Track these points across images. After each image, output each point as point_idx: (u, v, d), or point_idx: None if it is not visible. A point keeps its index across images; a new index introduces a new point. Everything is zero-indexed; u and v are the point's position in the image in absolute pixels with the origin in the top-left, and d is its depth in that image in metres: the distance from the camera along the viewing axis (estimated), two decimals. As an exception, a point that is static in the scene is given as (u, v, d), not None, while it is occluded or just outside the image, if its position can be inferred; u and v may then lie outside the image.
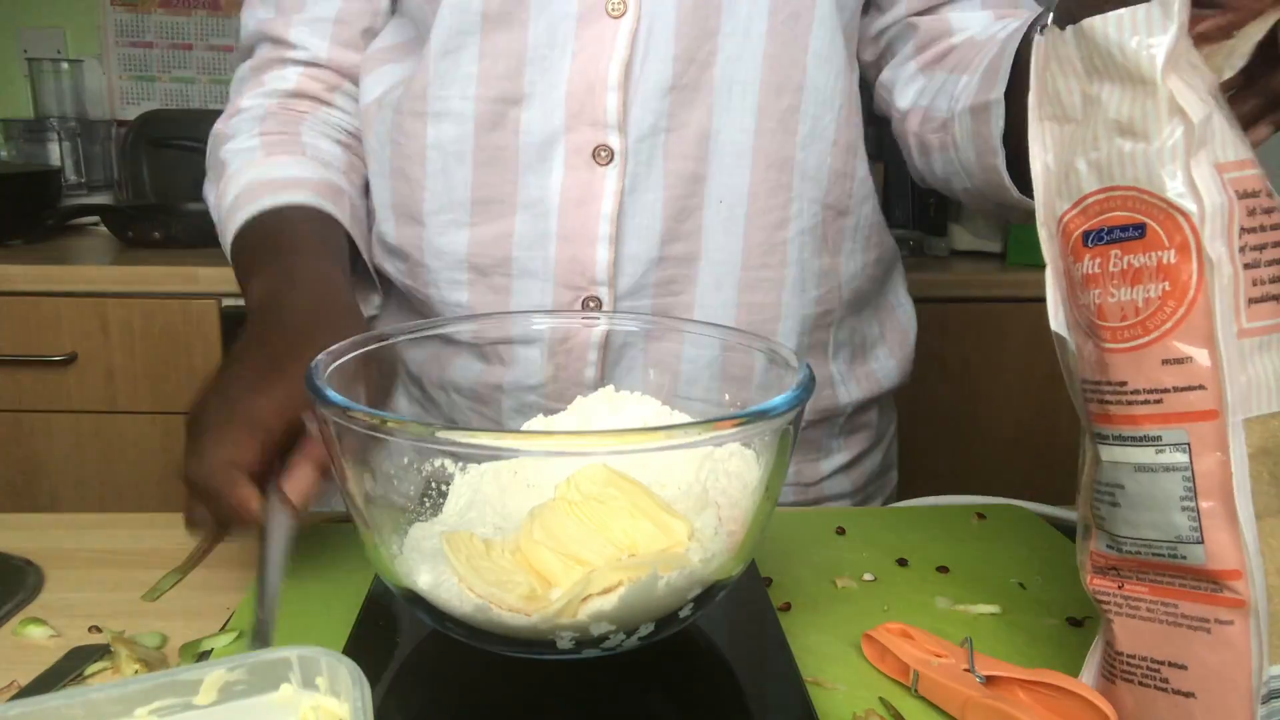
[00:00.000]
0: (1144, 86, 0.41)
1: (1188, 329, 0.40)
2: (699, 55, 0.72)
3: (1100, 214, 0.42)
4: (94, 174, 2.13)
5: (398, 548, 0.51)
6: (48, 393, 1.64)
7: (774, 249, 0.76)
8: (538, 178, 0.74)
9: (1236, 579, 0.41)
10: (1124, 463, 0.43)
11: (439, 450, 0.51)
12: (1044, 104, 0.45)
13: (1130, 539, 0.44)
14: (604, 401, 0.62)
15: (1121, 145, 0.41)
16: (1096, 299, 0.43)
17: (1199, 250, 0.40)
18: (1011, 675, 0.49)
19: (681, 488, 0.53)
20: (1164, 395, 0.41)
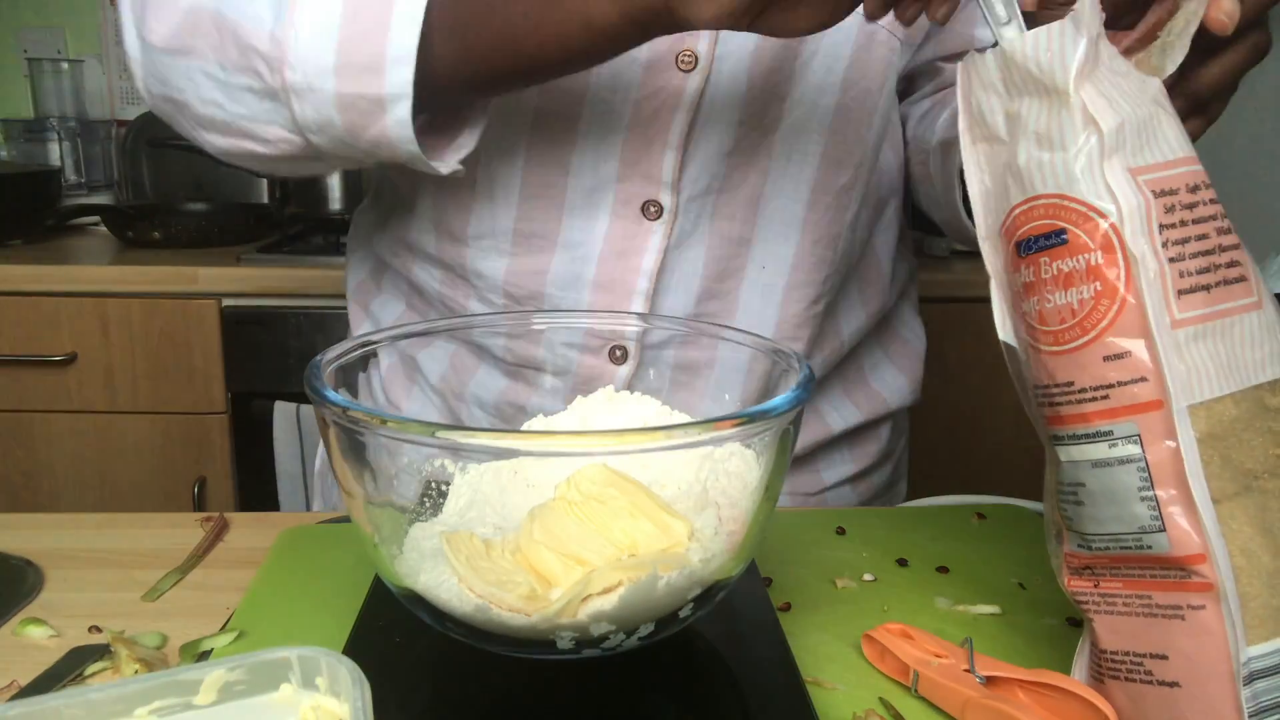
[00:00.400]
0: (1058, 98, 0.43)
1: (1123, 324, 0.42)
2: (764, 121, 0.70)
3: (1026, 223, 0.44)
4: (94, 174, 2.13)
5: (398, 548, 0.51)
6: (48, 393, 1.64)
7: (805, 322, 0.76)
8: (583, 221, 0.72)
9: (1202, 563, 0.42)
10: (1081, 460, 0.44)
11: (439, 450, 0.51)
12: (973, 127, 0.47)
13: (1098, 535, 0.45)
14: (604, 401, 0.62)
15: (1040, 155, 0.44)
16: (1037, 305, 0.44)
17: (1123, 248, 0.42)
18: (1011, 676, 0.49)
19: (681, 488, 0.53)
20: (1110, 390, 0.42)
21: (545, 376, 0.75)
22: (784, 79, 0.69)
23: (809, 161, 0.72)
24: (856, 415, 0.85)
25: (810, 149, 0.71)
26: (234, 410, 1.68)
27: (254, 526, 0.71)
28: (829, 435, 0.84)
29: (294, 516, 0.74)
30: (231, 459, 1.69)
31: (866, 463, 0.88)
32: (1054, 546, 0.49)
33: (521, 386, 0.76)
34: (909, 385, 0.89)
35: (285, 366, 1.65)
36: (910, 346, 0.90)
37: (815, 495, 0.86)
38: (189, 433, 1.67)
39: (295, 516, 0.74)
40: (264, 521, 0.72)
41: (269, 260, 1.65)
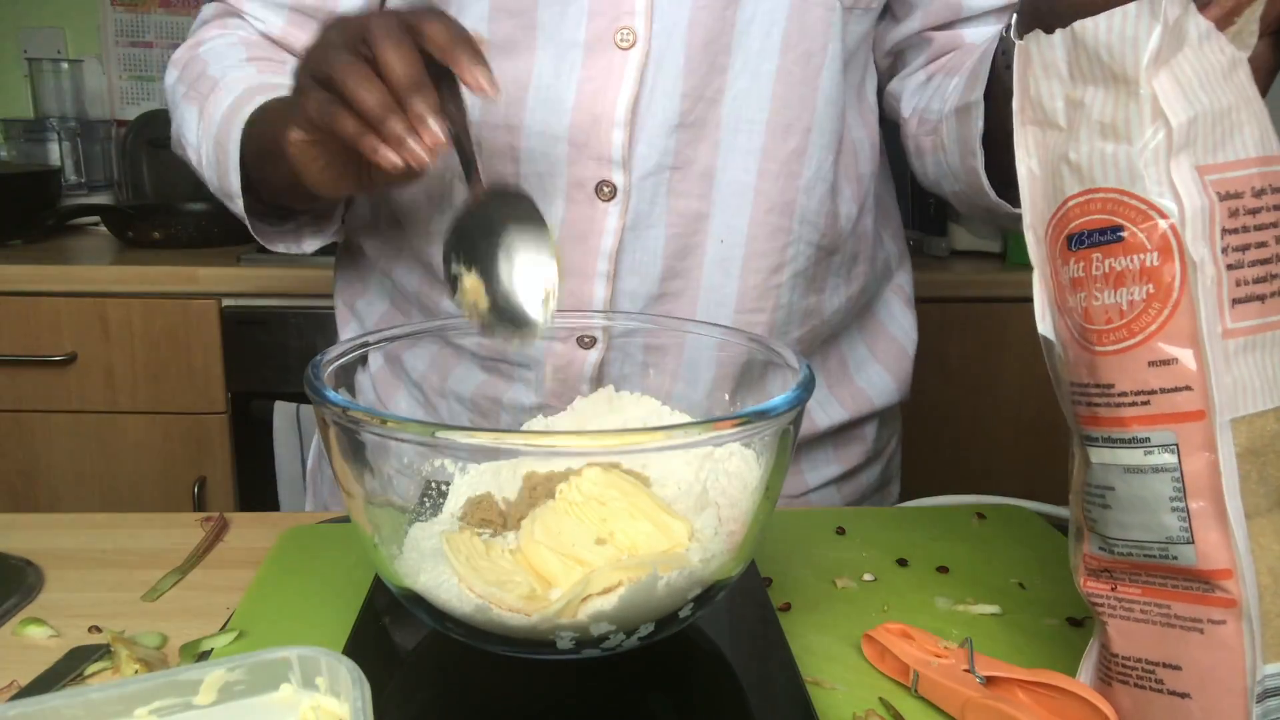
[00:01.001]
0: (1127, 87, 0.41)
1: (1173, 330, 0.41)
2: (707, 92, 0.70)
3: (1081, 216, 0.43)
4: (94, 174, 2.13)
5: (398, 548, 0.51)
6: (48, 393, 1.64)
7: (767, 293, 0.76)
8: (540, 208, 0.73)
9: (1228, 579, 0.41)
10: (1114, 465, 0.43)
11: (439, 450, 0.51)
12: (1026, 109, 0.45)
13: (1122, 540, 0.44)
14: (604, 401, 0.62)
15: (1103, 147, 0.42)
16: (1083, 302, 0.43)
17: (1181, 252, 0.40)
18: (1011, 676, 0.49)
19: (681, 488, 0.53)
20: (1151, 397, 0.41)
21: (518, 368, 0.75)
22: (723, 49, 0.70)
23: (756, 130, 0.72)
24: (842, 413, 0.85)
25: (756, 116, 0.72)
26: (234, 410, 1.68)
27: (254, 526, 0.71)
28: (815, 432, 0.84)
29: (294, 516, 0.74)
30: (231, 459, 1.69)
31: (852, 463, 0.88)
32: (1074, 545, 0.48)
33: (497, 379, 0.77)
34: (895, 384, 0.88)
35: (285, 366, 1.65)
36: (898, 344, 0.89)
37: (799, 497, 0.85)
38: (189, 433, 1.67)
39: (295, 516, 0.74)
40: (264, 521, 0.72)
41: (269, 260, 1.65)
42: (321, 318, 1.63)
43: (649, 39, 0.69)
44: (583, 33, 0.69)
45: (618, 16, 0.68)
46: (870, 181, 0.81)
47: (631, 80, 0.69)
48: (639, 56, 0.69)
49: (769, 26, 0.70)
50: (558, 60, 0.69)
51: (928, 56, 0.80)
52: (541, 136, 0.71)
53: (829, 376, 0.85)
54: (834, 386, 0.85)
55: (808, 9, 0.71)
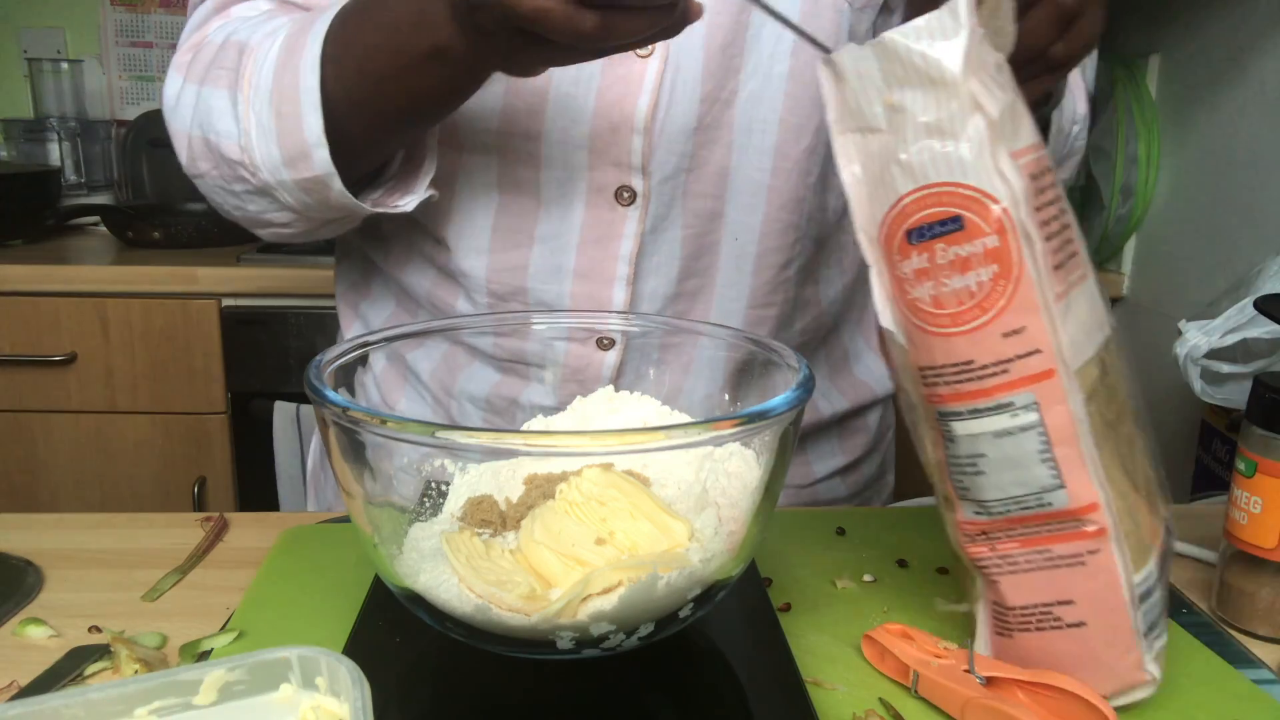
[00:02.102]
0: (946, 89, 0.44)
1: (1019, 303, 0.44)
2: (722, 94, 0.71)
3: (919, 211, 0.45)
4: (94, 174, 2.13)
5: (398, 548, 0.51)
6: (48, 393, 1.64)
7: (778, 287, 0.77)
8: (559, 212, 0.73)
9: (1095, 511, 0.46)
10: (982, 433, 0.47)
11: (439, 450, 0.51)
12: (844, 119, 0.48)
13: (998, 500, 0.48)
14: (604, 401, 0.62)
15: (932, 145, 0.44)
16: (931, 291, 0.46)
17: (1015, 230, 0.44)
18: (1011, 676, 0.49)
19: (681, 488, 0.53)
20: (1009, 365, 0.45)
21: (534, 369, 0.75)
22: (737, 51, 0.70)
23: (769, 129, 0.72)
24: (843, 402, 0.86)
25: (769, 116, 0.72)
26: (234, 410, 1.68)
27: (254, 526, 0.71)
28: (819, 421, 0.85)
29: (294, 516, 0.74)
30: (231, 459, 1.69)
31: (856, 454, 0.89)
32: (946, 518, 0.51)
33: (513, 380, 0.77)
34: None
35: (285, 366, 1.65)
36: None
37: (807, 487, 0.86)
38: (189, 433, 1.67)
39: (295, 516, 0.74)
40: (264, 521, 0.72)
41: (269, 260, 1.65)
42: (321, 318, 1.63)
43: (668, 46, 0.69)
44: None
45: None
46: None
47: (650, 88, 0.69)
48: (658, 64, 0.69)
49: (781, 29, 0.71)
50: (578, 70, 0.70)
51: None
52: (562, 145, 0.71)
53: (832, 367, 0.86)
54: (835, 378, 0.86)
55: (819, 11, 0.71)
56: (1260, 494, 0.58)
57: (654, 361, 0.74)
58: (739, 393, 0.64)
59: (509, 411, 0.78)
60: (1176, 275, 1.55)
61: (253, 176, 0.66)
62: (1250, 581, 0.60)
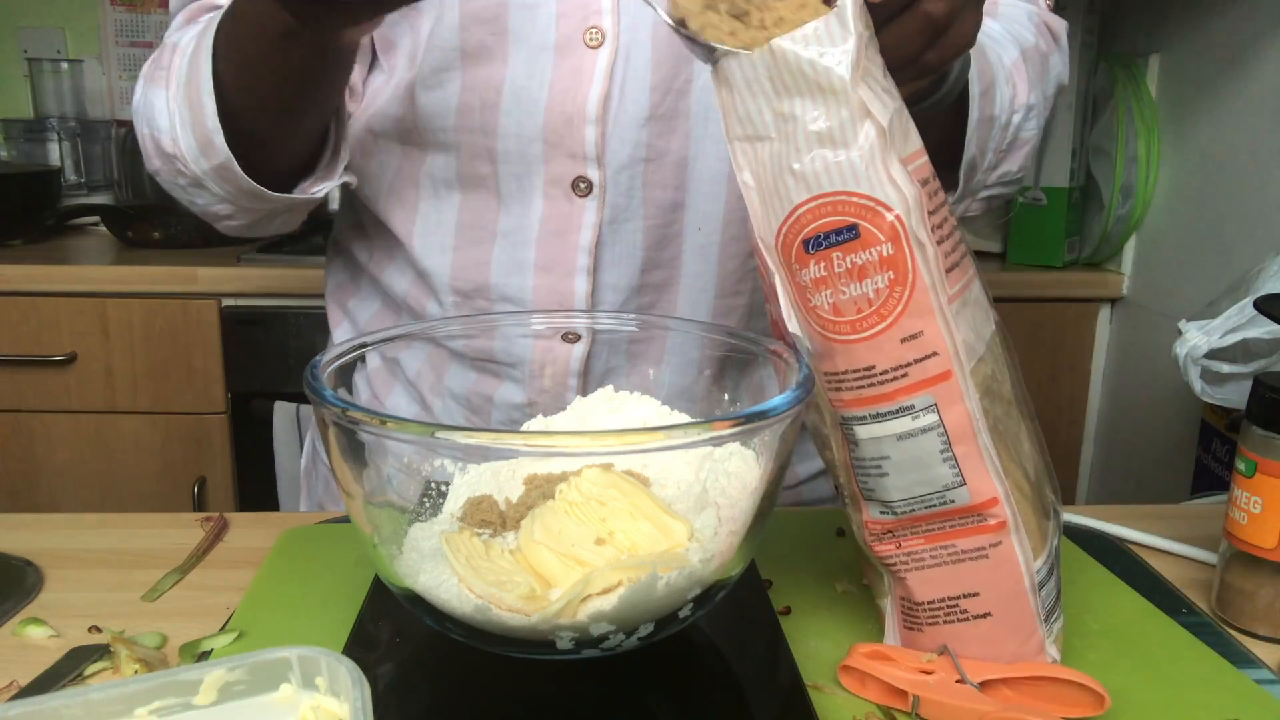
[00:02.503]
0: (835, 97, 0.44)
1: (915, 308, 0.45)
2: (675, 83, 0.71)
3: (814, 220, 0.45)
4: (94, 174, 2.13)
5: (397, 548, 0.51)
6: (48, 393, 1.64)
7: (746, 275, 0.77)
8: (518, 206, 0.74)
9: (995, 505, 0.48)
10: (884, 436, 0.47)
11: (438, 450, 0.51)
12: (734, 126, 0.48)
13: (903, 500, 0.49)
14: (604, 401, 0.62)
15: (824, 154, 0.45)
16: (830, 299, 0.46)
17: (908, 237, 0.44)
18: (998, 676, 0.49)
19: (681, 488, 0.53)
20: (907, 369, 0.46)
21: (504, 367, 0.76)
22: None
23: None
24: None
25: None
26: (234, 410, 1.68)
27: (254, 526, 0.71)
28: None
29: (294, 516, 0.74)
30: (231, 459, 1.69)
31: None
32: (852, 517, 0.52)
33: (487, 378, 0.78)
34: None
35: (285, 366, 1.65)
36: None
37: (791, 489, 0.86)
38: (189, 433, 1.67)
39: (295, 516, 0.74)
40: (264, 521, 0.72)
41: (269, 260, 1.65)
42: (322, 318, 1.62)
43: (617, 36, 0.70)
44: (553, 35, 0.70)
45: (586, 17, 0.70)
46: None
47: (601, 77, 0.70)
48: (608, 54, 0.70)
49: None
50: (530, 63, 0.71)
51: None
52: (517, 138, 0.72)
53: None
54: None
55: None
56: (1260, 494, 0.58)
57: (624, 354, 0.74)
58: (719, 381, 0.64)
59: (484, 409, 0.79)
60: (1176, 275, 1.55)
61: (185, 169, 0.68)
62: (1250, 581, 0.60)
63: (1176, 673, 0.54)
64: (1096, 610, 0.61)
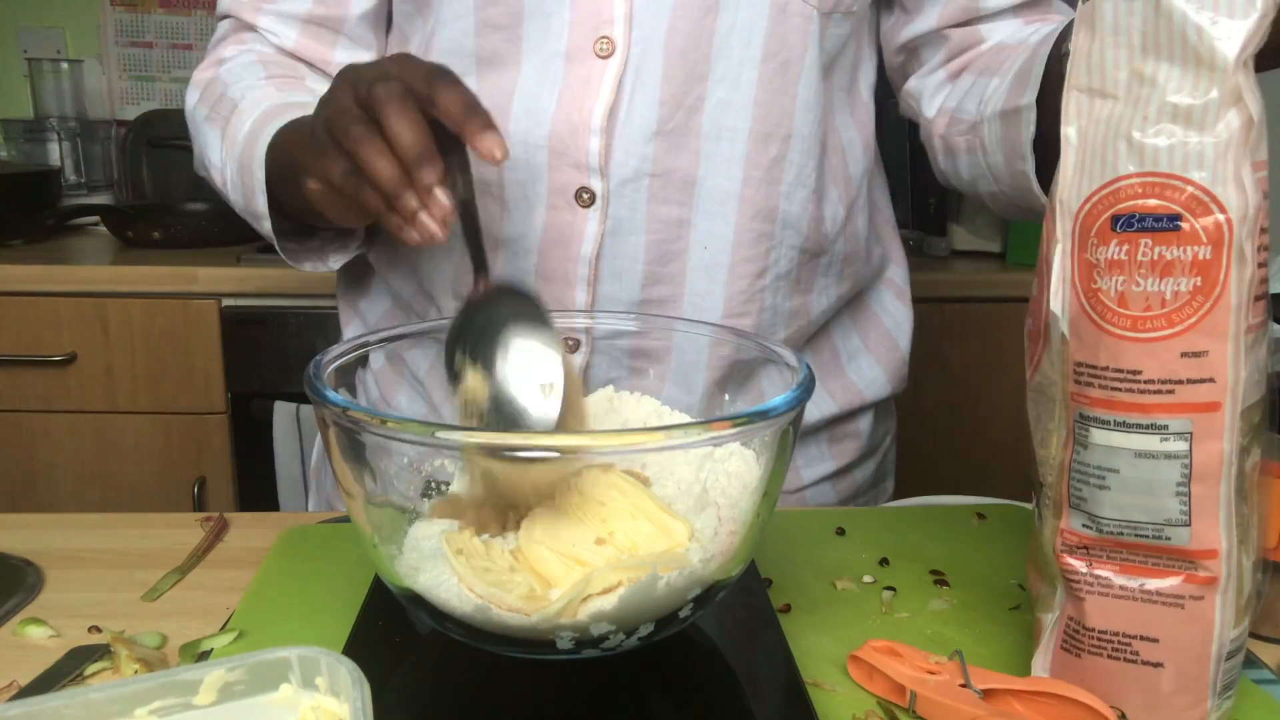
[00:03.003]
0: (1212, 73, 0.39)
1: (1210, 324, 0.41)
2: (686, 100, 0.71)
3: (1133, 198, 0.41)
4: (94, 174, 2.13)
5: (397, 548, 0.51)
6: (48, 393, 1.64)
7: (753, 297, 0.76)
8: (521, 214, 0.73)
9: (1213, 559, 0.44)
10: (1123, 448, 0.43)
11: (439, 450, 0.51)
12: (1079, 73, 0.43)
13: (1114, 520, 0.45)
14: (604, 401, 0.62)
15: (1174, 129, 0.40)
16: (1120, 286, 0.42)
17: (1231, 248, 0.40)
18: (1007, 686, 0.49)
19: (681, 488, 0.53)
20: (1176, 386, 0.42)
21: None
22: (702, 57, 0.70)
23: (738, 138, 0.72)
24: (832, 406, 0.85)
25: (738, 125, 0.72)
26: (234, 410, 1.68)
27: (254, 526, 0.71)
28: (806, 425, 0.84)
29: (294, 516, 0.74)
30: (231, 459, 1.69)
31: (846, 459, 0.88)
32: (1047, 519, 0.49)
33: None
34: (886, 377, 0.88)
35: (285, 366, 1.65)
36: (890, 336, 0.89)
37: (794, 493, 0.86)
38: (189, 433, 1.67)
39: (295, 516, 0.74)
40: (264, 521, 0.72)
41: (269, 260, 1.65)
42: (321, 318, 1.63)
43: (627, 47, 0.69)
44: (564, 43, 0.70)
45: (598, 26, 0.69)
46: (862, 182, 0.81)
47: (609, 88, 0.70)
48: (617, 65, 0.69)
49: (749, 36, 0.71)
50: (541, 71, 0.71)
51: (946, 54, 0.79)
52: (524, 145, 0.71)
53: (820, 369, 0.85)
54: (825, 379, 0.85)
55: (786, 18, 0.71)
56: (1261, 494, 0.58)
57: (626, 366, 0.73)
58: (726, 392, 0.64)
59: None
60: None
61: (230, 204, 0.77)
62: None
63: (1176, 673, 0.54)
64: (1096, 610, 0.60)
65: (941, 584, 0.63)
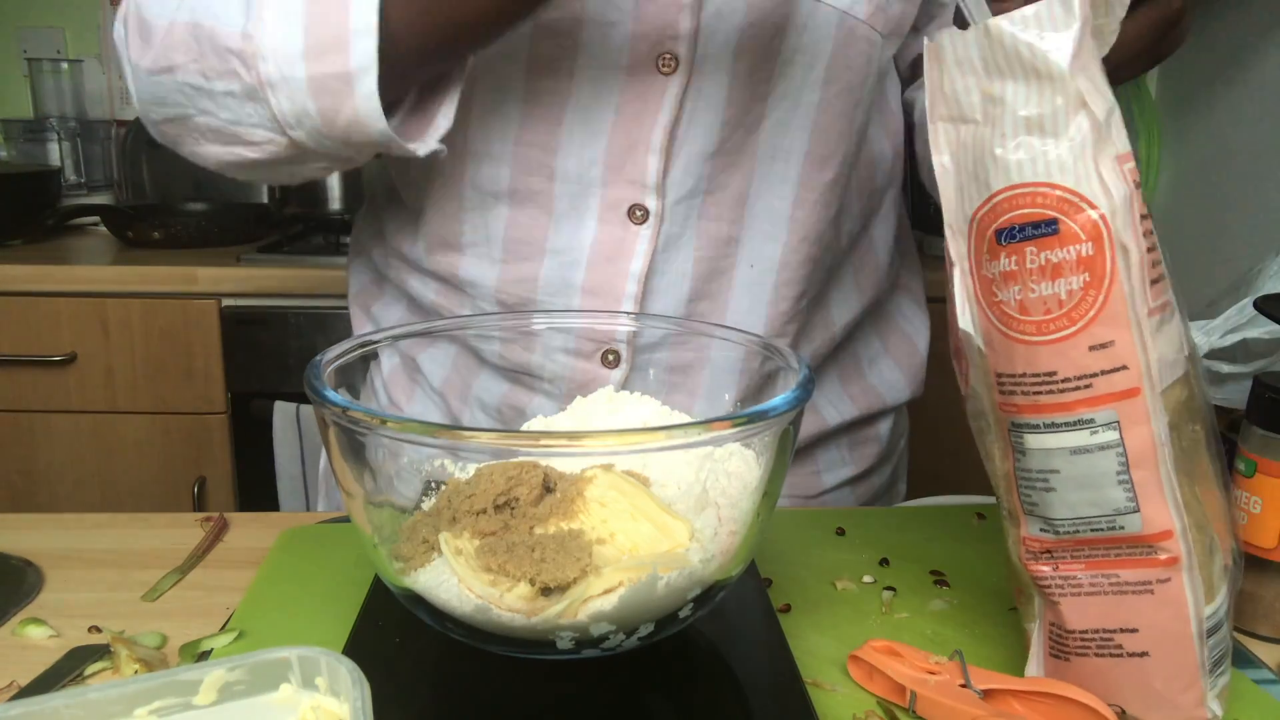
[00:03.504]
0: (1052, 83, 0.42)
1: (1108, 315, 0.42)
2: (747, 119, 0.69)
3: (1010, 210, 0.43)
4: (94, 174, 2.13)
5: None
6: (48, 393, 1.64)
7: (794, 318, 0.76)
8: (570, 226, 0.72)
9: (1169, 539, 0.44)
10: (1057, 448, 0.45)
11: (439, 450, 0.51)
12: (939, 105, 0.45)
13: (1068, 519, 0.46)
14: (604, 401, 0.62)
15: (1030, 141, 0.42)
16: (1017, 295, 0.44)
17: (1111, 240, 0.42)
18: (1007, 687, 0.49)
19: (681, 488, 0.53)
20: (1093, 380, 0.43)
21: (541, 382, 0.74)
22: (765, 78, 0.69)
23: (793, 160, 0.71)
24: (852, 410, 0.85)
25: (795, 147, 0.71)
26: (234, 410, 1.68)
27: (254, 526, 0.71)
28: (824, 429, 0.84)
29: (294, 516, 0.74)
30: (231, 459, 1.69)
31: (866, 465, 0.88)
32: (1009, 531, 0.50)
33: (521, 391, 0.76)
34: (906, 381, 0.88)
35: (285, 366, 1.65)
36: (910, 341, 0.89)
37: (815, 498, 0.85)
38: (189, 433, 1.67)
39: (295, 516, 0.74)
40: (264, 521, 0.72)
41: (269, 260, 1.65)
42: (321, 318, 1.63)
43: (691, 65, 0.67)
44: (625, 56, 0.67)
45: (661, 41, 0.67)
46: (886, 193, 0.81)
47: (670, 106, 0.68)
48: (680, 82, 0.68)
49: (813, 59, 0.69)
50: (597, 82, 0.68)
51: None
52: (578, 158, 0.70)
53: (842, 373, 0.85)
54: (846, 384, 0.85)
55: (853, 42, 0.70)
56: (1260, 494, 0.58)
57: (663, 382, 0.72)
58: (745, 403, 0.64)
59: (516, 422, 0.77)
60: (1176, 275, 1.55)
61: (247, 71, 0.58)
62: (1250, 582, 0.60)
63: (1176, 673, 0.54)
64: (1096, 610, 0.60)
65: (941, 584, 0.63)
